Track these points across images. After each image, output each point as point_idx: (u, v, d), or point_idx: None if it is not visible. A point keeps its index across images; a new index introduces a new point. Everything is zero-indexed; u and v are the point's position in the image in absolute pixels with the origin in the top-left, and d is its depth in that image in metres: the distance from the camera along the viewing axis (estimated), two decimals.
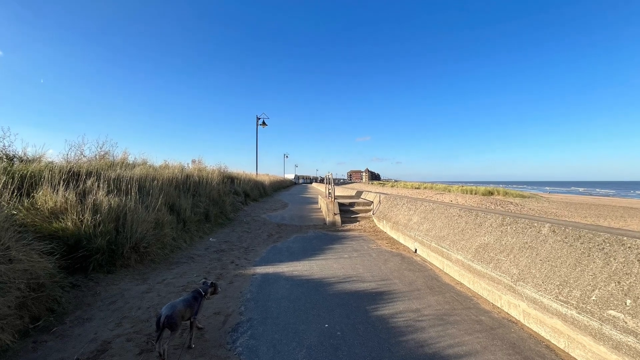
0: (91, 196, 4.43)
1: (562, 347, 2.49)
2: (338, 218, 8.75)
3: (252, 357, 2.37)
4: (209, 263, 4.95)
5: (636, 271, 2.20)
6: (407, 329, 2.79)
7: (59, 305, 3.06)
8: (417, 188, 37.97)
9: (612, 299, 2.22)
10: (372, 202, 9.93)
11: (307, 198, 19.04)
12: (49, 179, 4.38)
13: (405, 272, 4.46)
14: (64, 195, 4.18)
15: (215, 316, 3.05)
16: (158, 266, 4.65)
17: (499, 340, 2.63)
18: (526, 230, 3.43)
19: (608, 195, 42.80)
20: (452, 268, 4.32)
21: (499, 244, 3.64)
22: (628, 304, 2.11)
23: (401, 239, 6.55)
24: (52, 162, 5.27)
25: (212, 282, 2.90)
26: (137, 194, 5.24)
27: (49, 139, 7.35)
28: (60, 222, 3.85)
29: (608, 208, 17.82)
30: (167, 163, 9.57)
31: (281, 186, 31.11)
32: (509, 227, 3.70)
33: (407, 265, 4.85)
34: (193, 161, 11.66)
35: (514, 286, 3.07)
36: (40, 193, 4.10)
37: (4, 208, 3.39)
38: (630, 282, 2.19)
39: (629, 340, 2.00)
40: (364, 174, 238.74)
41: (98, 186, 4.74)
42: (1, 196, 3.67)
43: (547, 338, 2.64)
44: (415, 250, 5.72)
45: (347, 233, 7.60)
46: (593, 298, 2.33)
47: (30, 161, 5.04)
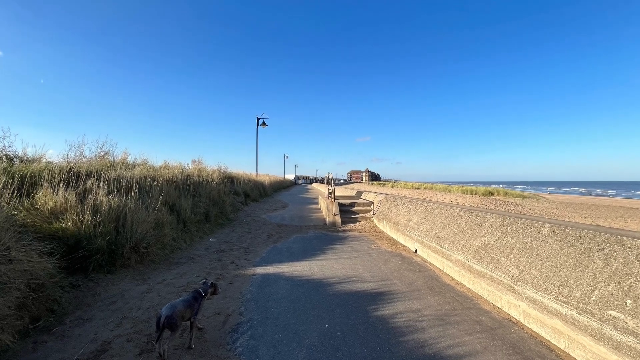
0: (91, 196, 4.43)
1: (562, 348, 2.49)
2: (338, 218, 8.76)
3: (252, 358, 2.37)
4: (209, 263, 4.95)
5: (636, 271, 2.20)
6: (407, 329, 2.79)
7: (59, 305, 3.06)
8: (417, 188, 37.97)
9: (612, 300, 2.21)
10: (372, 203, 9.93)
11: (307, 198, 19.04)
12: (49, 179, 4.38)
13: (405, 273, 4.46)
14: (64, 195, 4.18)
15: (215, 316, 3.05)
16: (158, 266, 4.65)
17: (499, 340, 2.63)
18: (526, 230, 3.43)
19: (608, 195, 42.73)
20: (452, 268, 4.32)
21: (499, 244, 3.64)
22: (628, 305, 2.11)
23: (401, 240, 6.54)
24: (52, 163, 5.27)
25: (212, 283, 2.90)
26: (137, 194, 5.24)
27: (49, 139, 7.36)
28: (60, 223, 3.85)
29: (608, 208, 17.81)
30: (167, 163, 9.56)
31: (281, 186, 31.13)
32: (509, 228, 3.70)
33: (407, 265, 4.85)
34: (193, 161, 11.67)
35: (514, 286, 3.06)
36: (40, 193, 4.10)
37: (4, 208, 3.39)
38: (630, 283, 2.18)
39: (629, 340, 2.00)
40: (364, 174, 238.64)
41: (98, 186, 4.74)
42: (1, 196, 3.67)
43: (547, 338, 2.64)
44: (415, 250, 5.72)
45: (347, 233, 7.59)
46: (593, 298, 2.33)
47: (30, 161, 5.03)
